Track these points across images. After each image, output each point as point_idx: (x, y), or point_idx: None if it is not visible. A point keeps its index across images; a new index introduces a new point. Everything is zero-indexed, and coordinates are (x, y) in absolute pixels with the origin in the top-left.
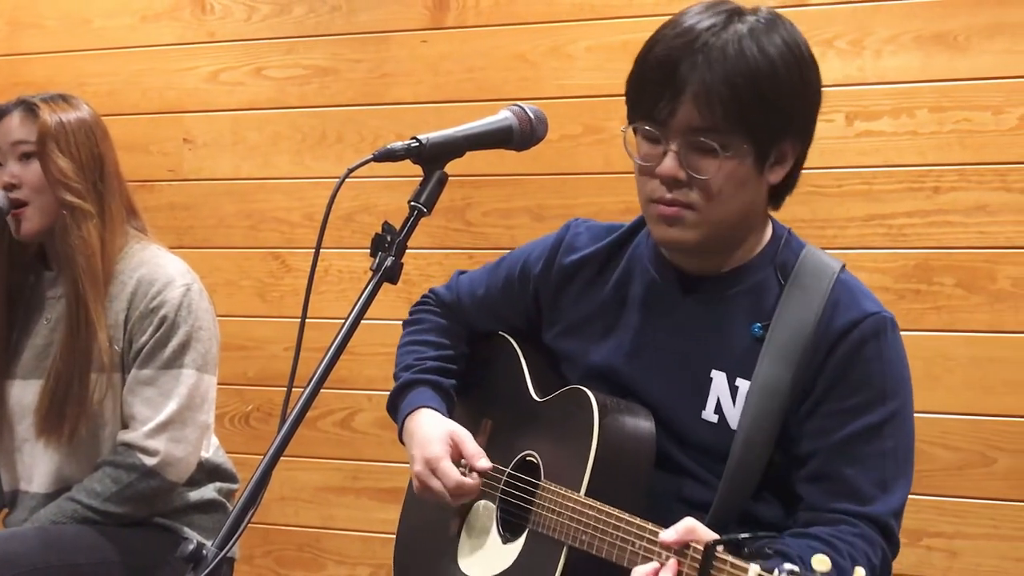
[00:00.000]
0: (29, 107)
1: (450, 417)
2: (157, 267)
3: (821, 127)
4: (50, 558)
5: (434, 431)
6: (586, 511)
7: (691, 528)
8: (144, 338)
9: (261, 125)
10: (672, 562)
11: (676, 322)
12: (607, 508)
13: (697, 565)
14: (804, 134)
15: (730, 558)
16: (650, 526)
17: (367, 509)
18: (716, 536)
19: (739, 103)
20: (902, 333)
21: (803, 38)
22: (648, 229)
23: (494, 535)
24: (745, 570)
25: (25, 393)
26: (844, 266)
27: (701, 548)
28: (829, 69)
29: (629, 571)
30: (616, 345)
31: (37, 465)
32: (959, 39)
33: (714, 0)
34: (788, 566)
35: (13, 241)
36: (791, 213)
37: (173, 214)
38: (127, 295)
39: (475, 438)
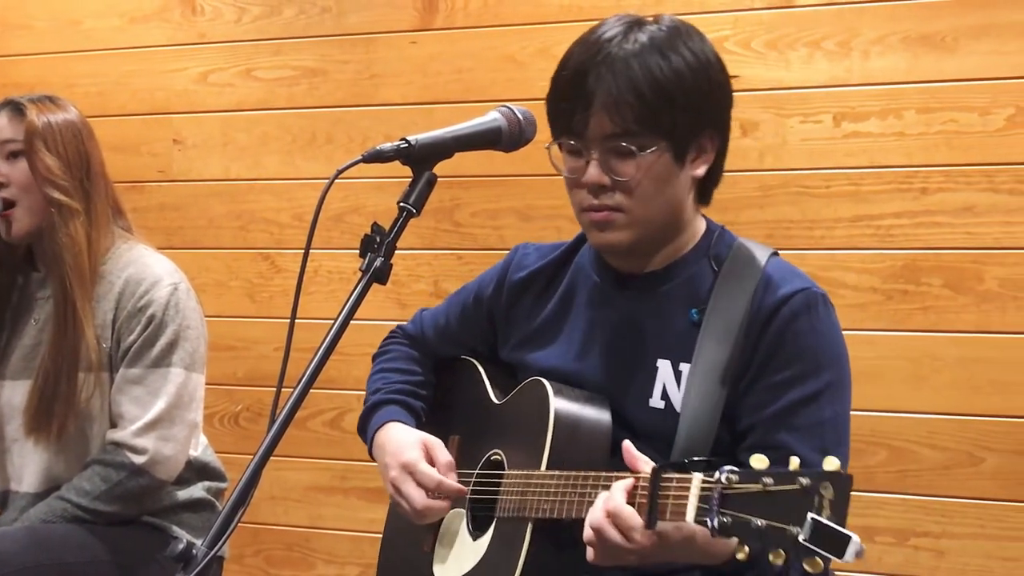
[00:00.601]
0: (16, 107)
1: None
2: (144, 267)
3: (809, 128)
4: (40, 557)
5: (406, 439)
6: (546, 481)
7: (647, 459)
8: (132, 337)
9: (250, 126)
10: (627, 483)
11: (619, 318)
12: (563, 472)
13: (647, 491)
14: (720, 126)
15: (676, 474)
16: (604, 473)
17: (356, 509)
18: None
19: (647, 107)
20: (889, 333)
21: (707, 41)
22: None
23: (465, 535)
24: (689, 480)
25: (14, 394)
26: (776, 252)
27: (648, 477)
28: (816, 70)
29: None
30: (565, 348)
31: (27, 465)
32: (946, 40)
33: (623, 13)
34: (728, 467)
35: (0, 243)
36: (779, 213)
37: (163, 215)
38: (115, 295)
39: None
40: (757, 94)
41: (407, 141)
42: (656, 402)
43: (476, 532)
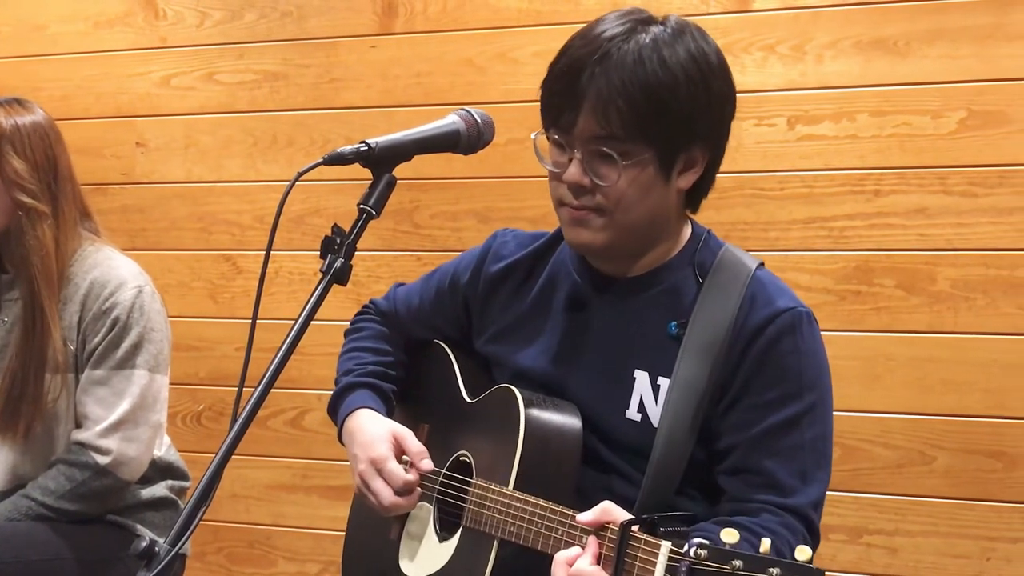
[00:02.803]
0: None
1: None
2: (110, 269)
3: (763, 131)
4: (4, 554)
5: (376, 431)
6: (513, 503)
7: (607, 510)
8: (97, 339)
9: (213, 129)
10: (591, 542)
11: (599, 324)
12: (532, 499)
13: (614, 545)
14: (714, 140)
15: (645, 536)
16: (572, 512)
17: (317, 507)
18: (631, 517)
19: (636, 113)
20: (843, 334)
21: (713, 47)
22: None
23: (431, 535)
24: (658, 546)
25: None
26: (762, 264)
27: (617, 528)
28: (771, 74)
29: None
30: (542, 348)
31: None
32: (898, 44)
33: (628, 8)
34: (698, 540)
35: None
36: (734, 215)
37: (126, 217)
38: (80, 297)
39: None
40: None
41: (367, 144)
42: (632, 414)
43: (442, 534)
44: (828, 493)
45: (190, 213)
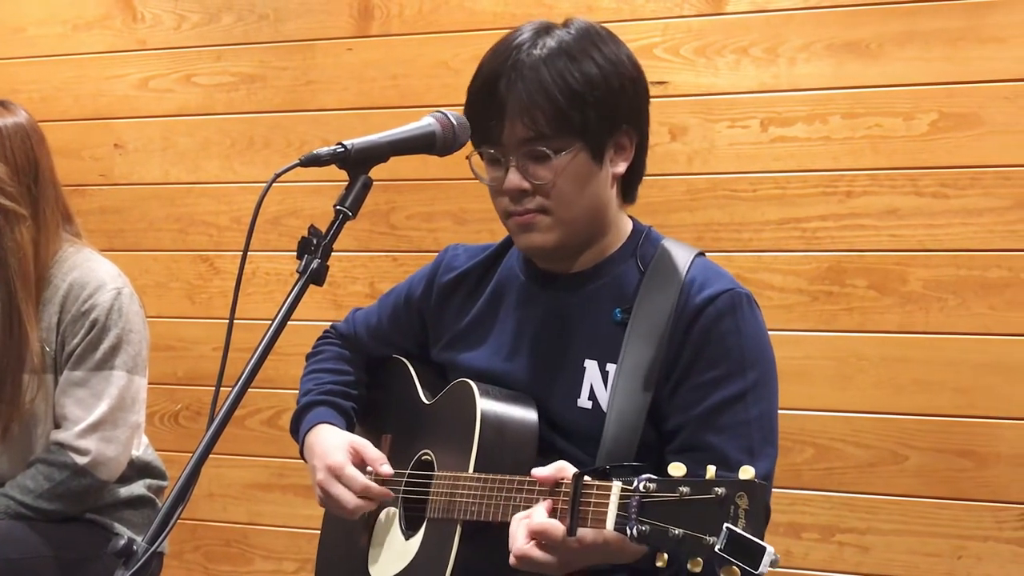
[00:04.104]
0: None
1: None
2: (89, 271)
3: (736, 133)
4: None
5: (334, 441)
6: (472, 483)
7: (561, 466)
8: (76, 341)
9: (190, 131)
10: (546, 501)
11: (546, 319)
12: (488, 475)
13: (568, 497)
14: (637, 123)
15: (597, 481)
16: (528, 478)
17: (293, 505)
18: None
19: (558, 109)
20: (816, 334)
21: (621, 45)
22: None
23: (397, 534)
24: (609, 487)
25: None
26: (702, 252)
27: (570, 481)
28: (744, 77)
29: None
30: (494, 349)
31: None
32: (871, 47)
33: (535, 21)
34: (646, 475)
35: None
36: (707, 216)
37: (104, 218)
38: (59, 299)
39: None
40: (686, 99)
41: (343, 145)
42: (584, 402)
43: (408, 532)
44: (800, 492)
45: (168, 214)
